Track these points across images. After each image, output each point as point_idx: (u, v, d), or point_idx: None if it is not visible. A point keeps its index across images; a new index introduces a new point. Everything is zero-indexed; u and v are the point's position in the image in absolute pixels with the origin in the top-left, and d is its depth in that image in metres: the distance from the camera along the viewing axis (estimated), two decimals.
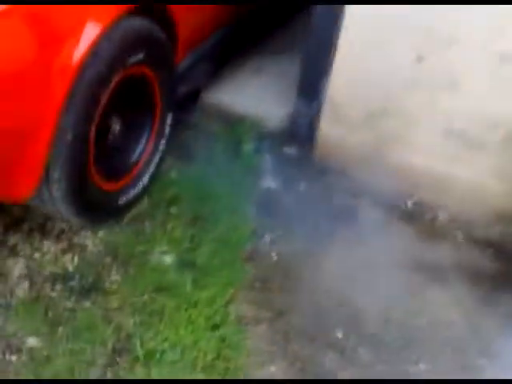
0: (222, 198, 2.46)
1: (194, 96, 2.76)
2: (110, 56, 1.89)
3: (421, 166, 2.48)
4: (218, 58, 2.83)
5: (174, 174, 2.53)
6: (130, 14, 1.98)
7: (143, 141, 2.30)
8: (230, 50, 2.92)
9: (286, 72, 3.02)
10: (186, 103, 2.69)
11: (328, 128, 2.59)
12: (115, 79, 1.95)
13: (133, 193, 2.26)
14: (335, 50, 2.44)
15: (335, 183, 2.60)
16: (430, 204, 2.54)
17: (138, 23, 2.02)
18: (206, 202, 2.42)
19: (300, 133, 2.70)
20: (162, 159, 2.41)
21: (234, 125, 2.78)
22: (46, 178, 1.88)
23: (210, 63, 2.77)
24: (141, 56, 2.04)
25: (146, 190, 2.35)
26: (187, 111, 2.76)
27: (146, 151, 2.32)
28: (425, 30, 2.22)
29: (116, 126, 2.17)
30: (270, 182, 2.59)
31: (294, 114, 2.69)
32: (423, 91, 2.34)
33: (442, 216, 2.53)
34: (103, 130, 2.10)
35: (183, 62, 2.55)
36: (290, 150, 2.71)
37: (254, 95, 2.97)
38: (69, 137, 1.82)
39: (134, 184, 2.27)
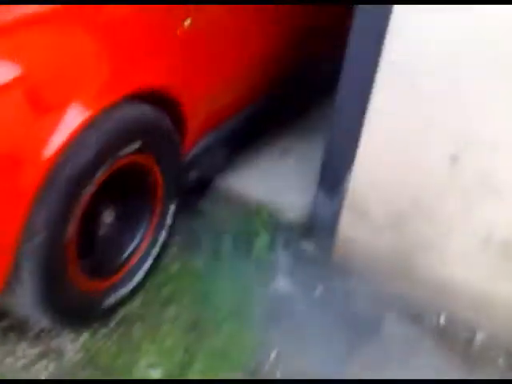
0: (227, 300, 2.19)
1: (205, 181, 2.54)
2: (98, 147, 1.68)
3: (455, 277, 2.16)
4: (236, 142, 2.61)
5: (175, 268, 2.29)
6: (128, 99, 1.79)
7: (140, 233, 2.08)
8: (251, 133, 2.70)
9: (312, 156, 2.77)
10: (196, 189, 2.47)
11: (349, 226, 2.31)
12: (104, 171, 1.74)
13: (123, 292, 2.02)
14: (360, 141, 2.19)
15: (356, 289, 2.30)
16: (465, 322, 2.20)
17: (136, 110, 1.82)
18: (208, 303, 2.16)
19: (319, 228, 2.43)
20: (162, 252, 2.18)
21: (247, 214, 2.53)
22: (15, 278, 1.66)
23: (227, 147, 2.55)
24: (137, 145, 1.83)
25: (139, 287, 2.11)
26: (197, 197, 2.53)
27: (143, 245, 2.08)
28: (462, 130, 1.95)
29: (107, 219, 1.95)
30: (282, 283, 2.31)
31: (314, 206, 2.43)
32: (458, 196, 2.05)
33: (480, 337, 2.18)
34: (90, 223, 1.88)
35: (195, 147, 2.34)
36: (308, 247, 2.44)
37: (274, 181, 2.73)
38: (39, 236, 1.60)
39: (124, 282, 2.03)
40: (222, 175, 2.67)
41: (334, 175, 2.32)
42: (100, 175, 1.72)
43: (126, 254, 2.04)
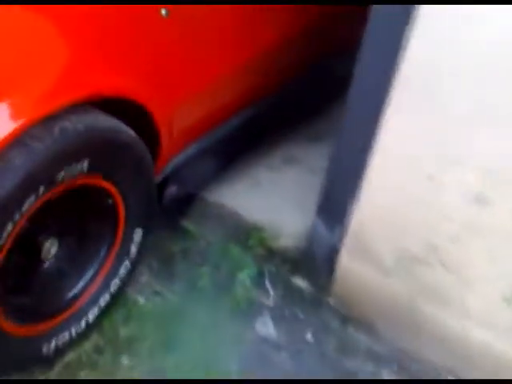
0: (197, 345, 1.85)
1: (189, 197, 2.18)
2: (26, 171, 1.33)
3: (472, 337, 1.79)
4: (227, 152, 2.24)
5: (141, 302, 1.95)
6: (72, 108, 1.44)
7: (95, 264, 1.74)
8: (246, 141, 2.33)
9: (318, 166, 2.34)
10: (177, 205, 2.12)
11: (350, 264, 1.94)
12: (35, 199, 1.40)
13: (68, 335, 1.70)
14: (368, 166, 1.81)
15: (354, 339, 1.95)
16: None
17: (83, 121, 1.46)
18: (172, 352, 1.81)
19: (316, 262, 2.06)
20: (124, 285, 1.85)
21: (235, 237, 2.17)
22: None
23: (216, 157, 2.19)
24: (84, 166, 1.48)
25: (93, 327, 1.78)
26: (178, 214, 2.18)
27: (97, 279, 1.75)
28: (494, 165, 1.56)
29: (49, 250, 1.62)
30: (266, 327, 1.96)
31: (312, 236, 2.06)
32: (481, 241, 1.66)
33: None
34: (26, 256, 1.56)
35: (175, 158, 1.99)
36: (301, 283, 2.07)
37: (271, 196, 2.35)
38: None
39: (72, 323, 1.70)
40: (212, 188, 2.32)
41: (335, 204, 1.95)
42: (31, 204, 1.38)
43: (74, 290, 1.71)
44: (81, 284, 1.72)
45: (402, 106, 1.68)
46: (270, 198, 2.34)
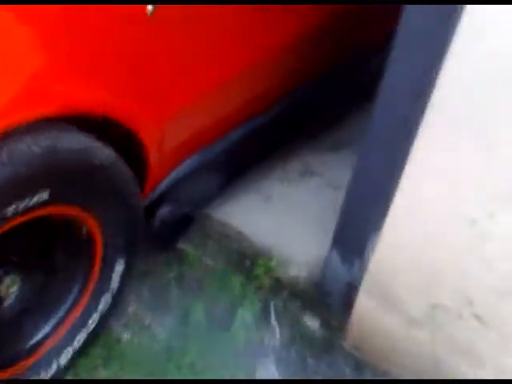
0: None
1: (186, 217, 1.92)
2: None
3: None
4: (232, 165, 1.97)
5: (125, 337, 1.71)
6: (29, 128, 1.18)
7: (67, 302, 1.50)
8: (255, 153, 2.05)
9: (341, 179, 2.06)
10: (169, 228, 1.85)
11: (369, 306, 1.66)
12: None
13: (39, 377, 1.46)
14: (395, 193, 1.51)
15: None
16: None
17: (43, 142, 1.19)
18: None
19: (330, 299, 1.79)
20: (104, 321, 1.60)
21: (239, 264, 1.91)
22: None
23: (217, 173, 1.92)
24: (43, 196, 1.22)
25: (64, 372, 1.54)
26: (174, 236, 1.92)
27: (71, 316, 1.51)
28: None
29: (8, 288, 1.37)
30: (269, 372, 1.69)
31: (326, 269, 1.78)
32: None
33: None
34: None
35: (169, 176, 1.72)
36: (312, 323, 1.80)
37: (284, 215, 2.08)
38: None
39: (38, 369, 1.46)
40: (215, 204, 2.05)
41: (354, 235, 1.67)
42: None
43: (42, 331, 1.47)
44: (50, 323, 1.48)
45: (439, 124, 1.37)
46: (281, 217, 2.06)
